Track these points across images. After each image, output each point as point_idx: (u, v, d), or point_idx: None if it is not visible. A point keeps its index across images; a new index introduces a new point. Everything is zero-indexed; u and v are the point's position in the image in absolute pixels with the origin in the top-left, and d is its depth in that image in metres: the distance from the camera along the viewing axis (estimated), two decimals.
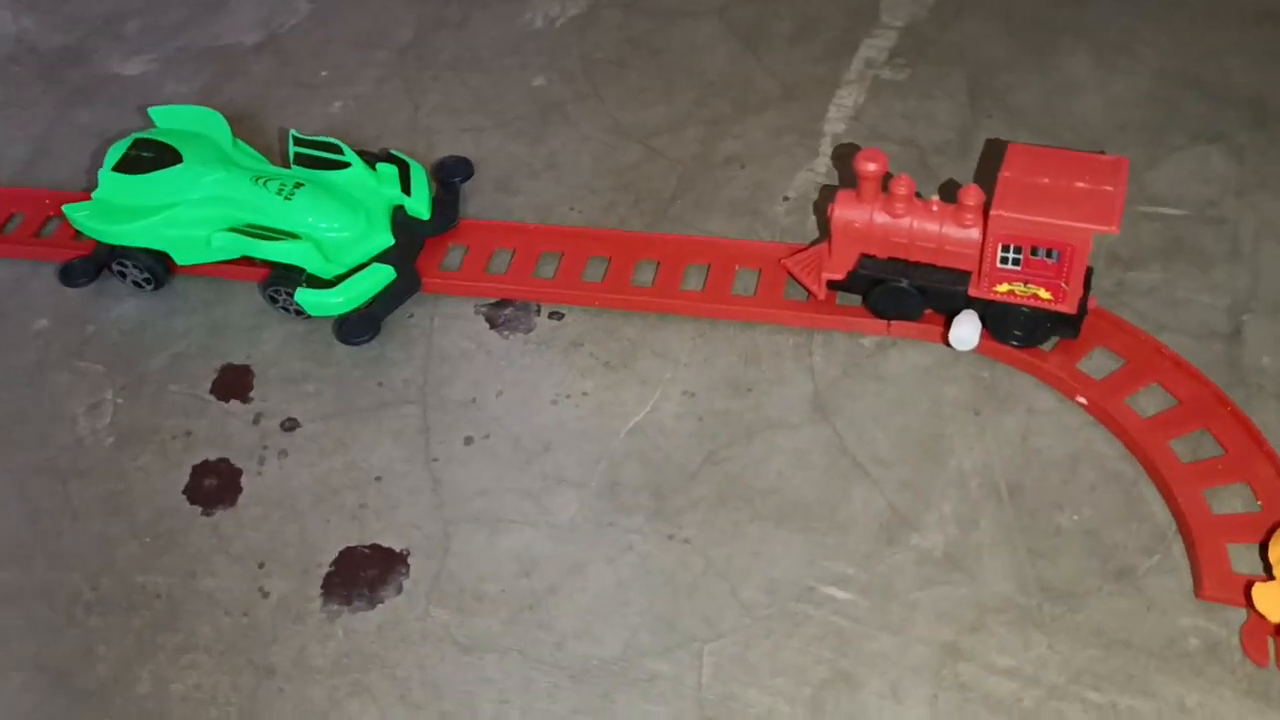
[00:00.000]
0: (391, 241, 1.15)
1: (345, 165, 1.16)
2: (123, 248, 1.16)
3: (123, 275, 1.18)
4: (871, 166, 0.98)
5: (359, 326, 1.11)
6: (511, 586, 0.94)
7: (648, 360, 1.08)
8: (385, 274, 1.12)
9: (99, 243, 1.18)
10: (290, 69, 1.42)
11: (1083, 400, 0.99)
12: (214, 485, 1.03)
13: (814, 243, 1.11)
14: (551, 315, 1.12)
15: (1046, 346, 1.02)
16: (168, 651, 0.92)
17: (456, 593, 0.94)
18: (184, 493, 1.02)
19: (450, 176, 1.23)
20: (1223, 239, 1.11)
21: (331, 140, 1.17)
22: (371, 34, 1.45)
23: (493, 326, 1.12)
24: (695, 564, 0.94)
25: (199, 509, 1.01)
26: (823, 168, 1.22)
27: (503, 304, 1.14)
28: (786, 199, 1.19)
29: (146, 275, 1.17)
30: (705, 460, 1.00)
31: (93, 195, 1.16)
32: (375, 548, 0.97)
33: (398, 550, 0.97)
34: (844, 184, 1.19)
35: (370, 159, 1.19)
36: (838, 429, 1.01)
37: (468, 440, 1.04)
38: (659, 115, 1.30)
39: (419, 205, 1.17)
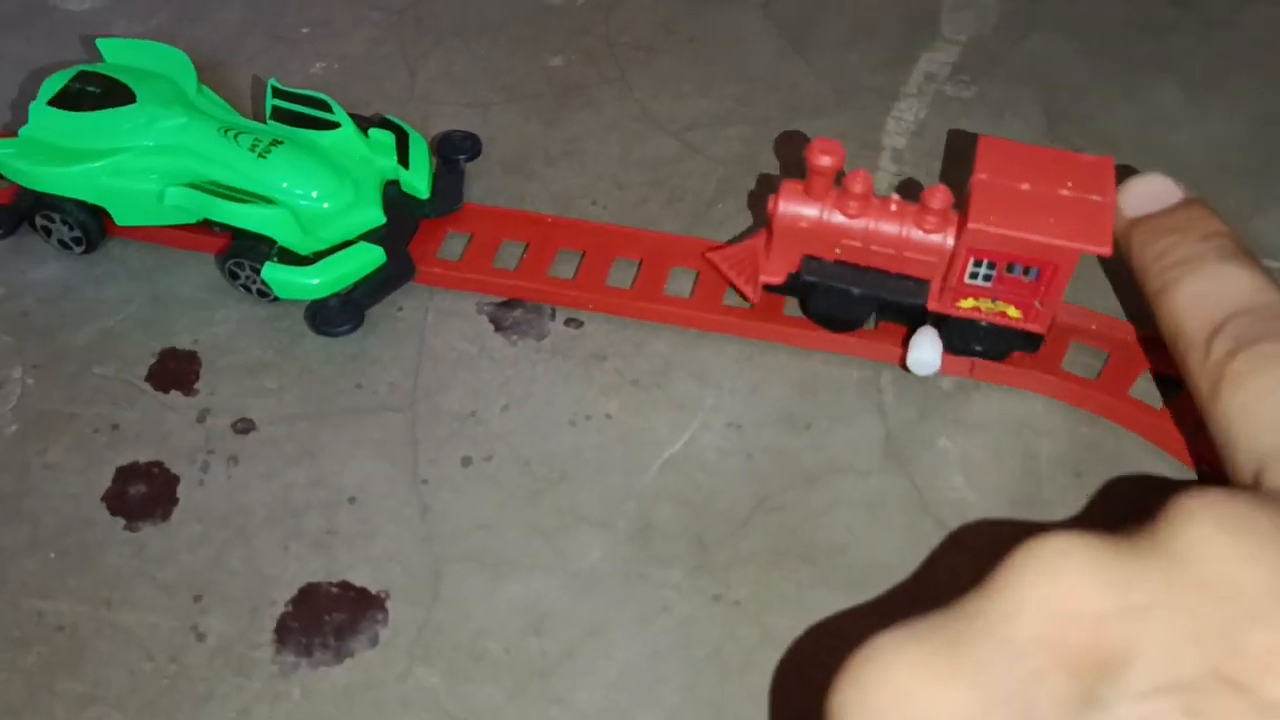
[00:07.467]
0: (383, 219, 0.96)
1: (334, 126, 0.97)
2: (51, 197, 0.95)
3: (47, 231, 0.97)
4: (826, 160, 0.81)
5: (339, 314, 0.92)
6: (518, 646, 0.75)
7: (684, 382, 0.90)
8: (374, 255, 0.93)
9: (21, 189, 0.97)
10: (265, 19, 1.23)
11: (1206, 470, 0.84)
12: (143, 493, 0.82)
13: (739, 236, 0.94)
14: (568, 322, 0.94)
15: (1156, 404, 0.88)
16: (67, 702, 0.71)
17: (448, 650, 0.74)
18: (103, 500, 0.82)
19: (455, 153, 1.04)
20: None
21: (319, 95, 0.98)
22: None
23: (498, 329, 0.94)
24: (748, 634, 0.76)
25: (121, 521, 0.80)
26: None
27: (511, 304, 0.95)
28: None
29: (77, 234, 0.97)
30: (756, 507, 0.83)
31: (20, 132, 0.96)
32: (345, 585, 0.78)
33: (374, 591, 0.77)
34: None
35: (363, 123, 1.00)
36: (916, 482, 0.84)
37: (465, 460, 0.85)
38: (696, 108, 1.13)
39: (418, 181, 0.99)
